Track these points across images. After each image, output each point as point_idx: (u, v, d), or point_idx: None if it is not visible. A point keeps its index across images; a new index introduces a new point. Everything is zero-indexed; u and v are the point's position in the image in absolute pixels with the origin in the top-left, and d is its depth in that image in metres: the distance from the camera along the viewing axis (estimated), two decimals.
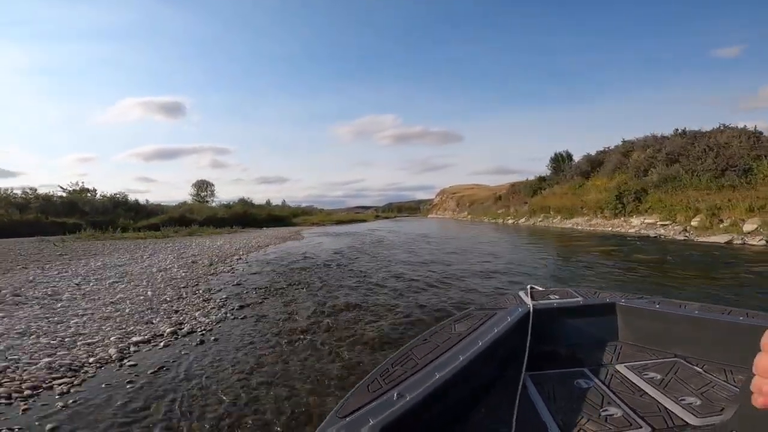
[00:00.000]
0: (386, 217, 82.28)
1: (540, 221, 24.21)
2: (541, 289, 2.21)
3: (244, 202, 46.76)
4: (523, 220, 27.43)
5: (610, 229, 16.13)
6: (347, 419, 0.97)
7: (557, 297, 2.01)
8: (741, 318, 1.56)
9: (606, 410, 1.24)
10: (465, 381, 1.26)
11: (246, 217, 39.38)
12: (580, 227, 18.60)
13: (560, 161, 29.06)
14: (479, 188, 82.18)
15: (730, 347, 1.53)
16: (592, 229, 17.31)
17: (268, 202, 57.46)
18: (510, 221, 29.94)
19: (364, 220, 54.38)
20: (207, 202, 52.39)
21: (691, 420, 1.16)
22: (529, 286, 2.19)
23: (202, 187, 55.08)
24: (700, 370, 1.48)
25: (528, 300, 1.96)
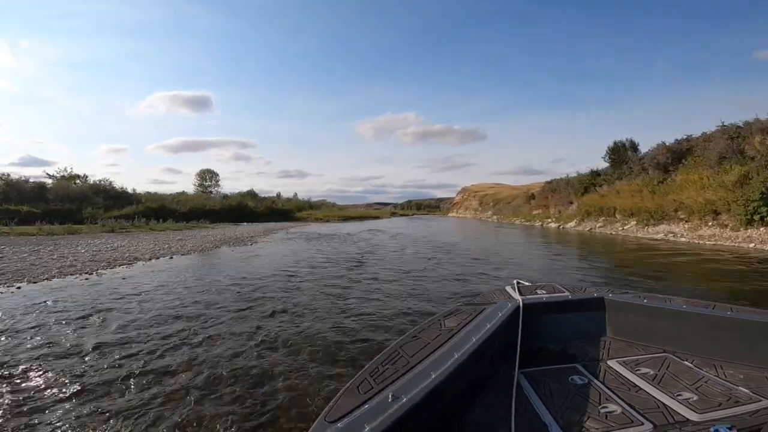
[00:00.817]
0: (403, 215, 76.75)
1: (600, 226, 17.41)
2: (527, 284, 2.12)
3: (244, 195, 41.84)
4: (572, 224, 20.56)
5: (751, 246, 9.40)
6: (338, 425, 0.87)
7: (545, 292, 1.95)
8: (728, 312, 1.55)
9: (605, 407, 1.19)
10: (460, 379, 1.18)
11: (240, 209, 34.33)
12: (680, 238, 11.81)
13: (621, 152, 22.01)
14: (502, 187, 74.84)
15: (717, 341, 1.51)
16: (710, 243, 10.54)
17: (279, 195, 52.60)
18: (552, 224, 23.12)
19: (376, 217, 48.45)
20: (210, 192, 47.81)
21: (691, 416, 1.11)
22: (515, 281, 2.10)
23: (206, 176, 50.33)
24: (690, 365, 1.46)
25: (516, 295, 1.89)
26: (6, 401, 2.08)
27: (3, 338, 3.05)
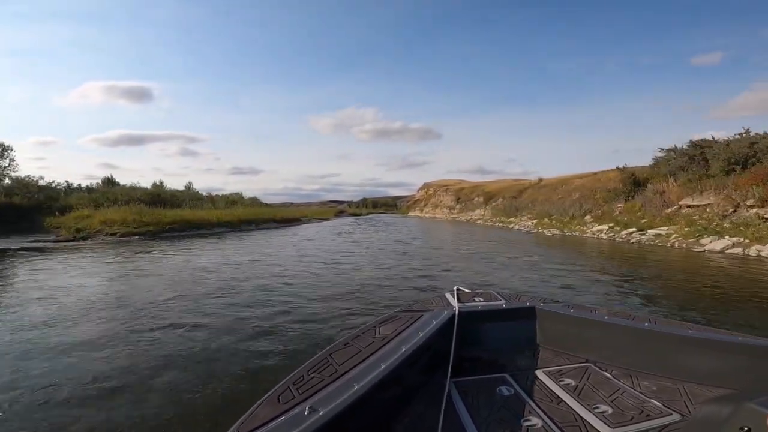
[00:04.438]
0: (354, 214, 55.65)
1: None
2: (467, 290, 2.04)
3: None
4: None
5: None
6: None
7: (482, 300, 1.89)
8: (646, 324, 1.52)
9: (528, 420, 1.13)
10: (386, 390, 1.08)
11: None
12: None
13: None
14: (476, 183, 54.32)
15: (634, 353, 1.48)
16: None
17: (161, 183, 27.46)
18: None
19: (298, 220, 25.20)
20: None
21: (604, 429, 1.08)
22: (455, 287, 2.01)
23: None
24: (609, 375, 1.42)
25: (454, 302, 1.80)
26: None
27: None
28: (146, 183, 28.52)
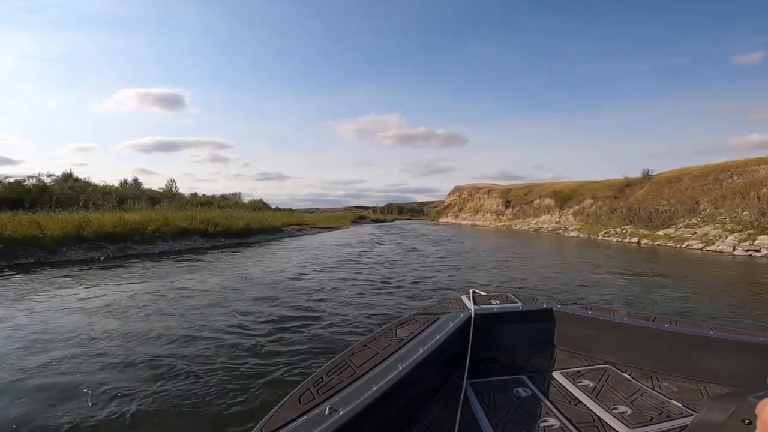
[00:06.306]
0: (376, 220, 47.01)
1: None
2: (483, 293, 2.02)
3: None
4: None
5: None
6: None
7: (498, 302, 1.87)
8: (666, 326, 1.49)
9: (545, 421, 1.12)
10: (404, 391, 1.08)
11: None
12: None
13: None
14: (531, 185, 43.52)
15: (654, 354, 1.46)
16: None
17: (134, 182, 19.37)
18: None
19: (277, 230, 15.41)
20: None
21: (622, 430, 1.06)
22: (471, 290, 1.99)
23: None
24: (628, 376, 1.40)
25: (470, 304, 1.79)
26: None
27: None
28: (184, 189, 23.13)
